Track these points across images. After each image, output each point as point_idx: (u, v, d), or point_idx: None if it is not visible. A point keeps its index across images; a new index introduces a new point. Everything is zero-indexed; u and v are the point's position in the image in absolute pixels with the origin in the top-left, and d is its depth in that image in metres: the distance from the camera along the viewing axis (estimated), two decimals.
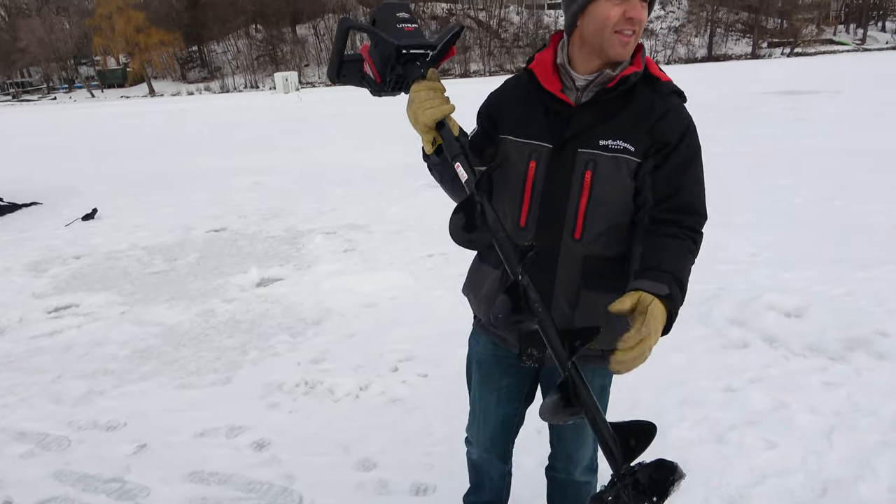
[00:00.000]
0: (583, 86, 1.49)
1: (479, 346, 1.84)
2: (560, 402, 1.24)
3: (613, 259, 1.54)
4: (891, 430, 2.73)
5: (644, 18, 1.40)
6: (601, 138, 1.46)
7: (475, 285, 1.75)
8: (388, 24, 1.42)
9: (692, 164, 1.48)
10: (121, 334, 4.25)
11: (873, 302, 4.01)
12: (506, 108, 1.61)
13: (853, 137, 10.71)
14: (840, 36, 73.06)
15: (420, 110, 1.38)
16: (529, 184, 1.54)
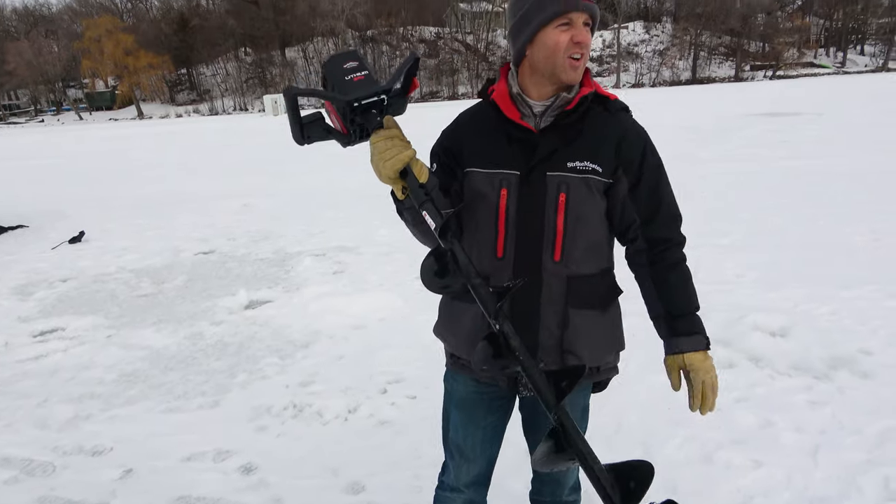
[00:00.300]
0: (540, 112, 1.55)
1: (460, 386, 1.77)
2: (553, 449, 1.25)
3: (594, 275, 1.61)
4: (875, 448, 2.76)
5: (589, 42, 1.49)
6: (568, 160, 1.52)
7: (452, 324, 1.71)
8: (336, 78, 1.40)
9: (661, 173, 1.61)
10: (107, 358, 4.22)
11: (857, 321, 4.06)
12: (467, 141, 1.61)
13: (834, 159, 10.90)
14: (821, 59, 74.53)
15: (380, 162, 1.37)
16: (503, 212, 1.55)
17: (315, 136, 1.45)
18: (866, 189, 8.22)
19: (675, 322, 1.60)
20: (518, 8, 1.51)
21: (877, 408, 3.06)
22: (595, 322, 1.62)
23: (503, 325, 1.28)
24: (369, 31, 74.08)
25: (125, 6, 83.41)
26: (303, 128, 1.41)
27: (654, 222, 1.60)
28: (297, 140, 1.44)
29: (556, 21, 1.44)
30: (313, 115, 1.42)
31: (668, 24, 77.86)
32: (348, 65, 1.41)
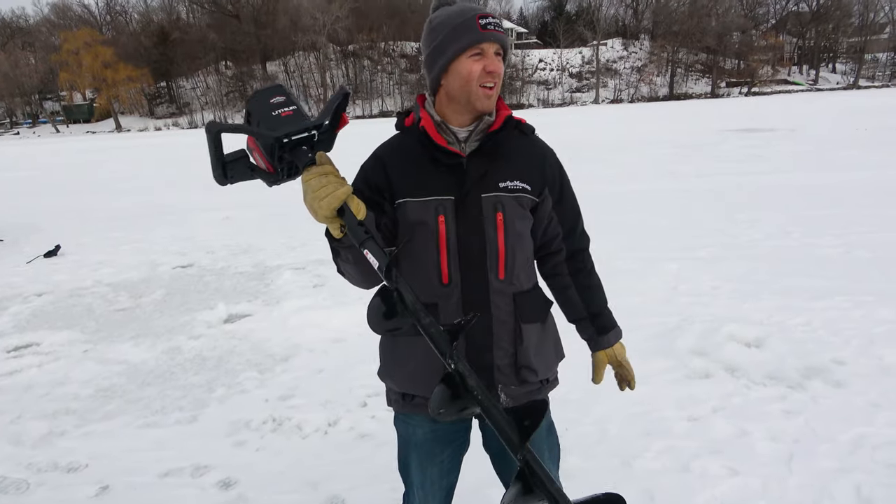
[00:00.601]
0: (465, 137, 1.59)
1: (416, 429, 1.71)
2: (521, 492, 1.22)
3: (532, 290, 1.68)
4: (847, 456, 2.81)
5: (502, 71, 1.54)
6: (499, 181, 1.57)
7: (400, 363, 1.67)
8: (263, 114, 1.34)
9: (574, 193, 1.76)
10: (83, 373, 4.17)
11: (829, 331, 4.14)
12: (394, 173, 1.59)
13: (807, 173, 11.13)
14: (794, 76, 76.17)
15: (315, 202, 1.32)
16: (443, 238, 1.55)
17: (238, 176, 1.37)
18: (837, 202, 8.40)
19: (598, 320, 1.74)
20: (432, 39, 1.55)
21: (849, 416, 3.12)
22: (540, 335, 1.69)
23: (458, 364, 1.25)
24: (350, 45, 74.33)
25: (104, 19, 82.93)
26: (225, 167, 1.34)
27: (574, 234, 1.74)
28: (219, 180, 1.36)
29: (469, 51, 1.49)
30: (237, 152, 1.35)
31: (645, 42, 79.12)
32: (275, 99, 1.35)
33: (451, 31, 1.51)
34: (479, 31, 1.48)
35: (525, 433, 1.23)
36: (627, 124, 29.21)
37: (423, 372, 1.60)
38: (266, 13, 74.20)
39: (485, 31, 1.49)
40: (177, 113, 74.81)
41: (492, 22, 1.50)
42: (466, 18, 1.50)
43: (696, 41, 72.14)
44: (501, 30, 1.53)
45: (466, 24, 1.49)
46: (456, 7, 1.55)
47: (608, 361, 1.77)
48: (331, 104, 1.37)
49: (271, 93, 1.37)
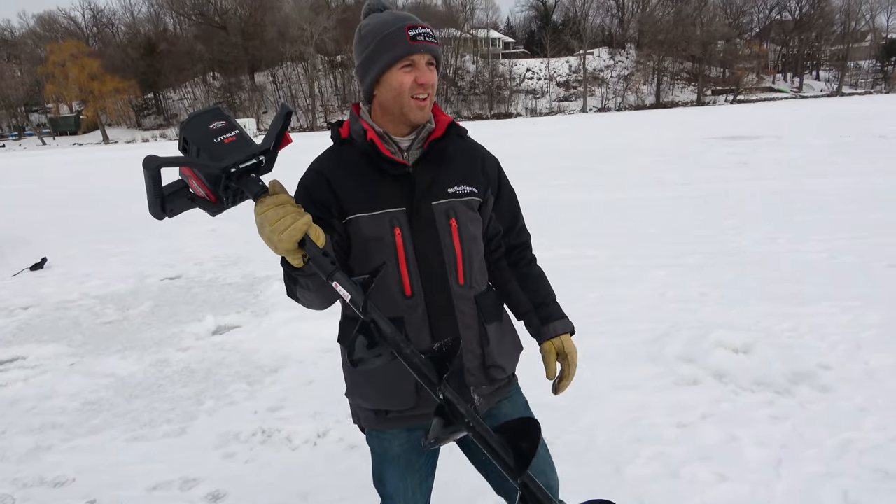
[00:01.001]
0: (407, 146, 1.58)
1: (391, 444, 1.69)
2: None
3: (488, 290, 1.71)
4: (834, 460, 2.83)
5: (434, 81, 1.52)
6: (448, 187, 1.58)
7: (368, 380, 1.63)
8: (203, 141, 1.23)
9: (513, 190, 1.78)
10: (70, 387, 4.13)
11: (816, 337, 4.18)
12: (339, 188, 1.54)
13: (793, 180, 11.24)
14: (779, 84, 77.12)
15: (274, 235, 1.20)
16: (401, 251, 1.53)
17: (178, 209, 1.28)
18: (823, 208, 8.49)
19: (544, 310, 1.73)
20: (362, 48, 1.53)
21: (836, 421, 3.15)
22: (501, 332, 1.72)
23: (446, 393, 1.21)
24: (338, 56, 74.49)
25: (91, 31, 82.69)
26: (164, 201, 1.23)
27: (514, 230, 1.76)
28: (156, 215, 1.25)
29: (400, 63, 1.48)
30: (175, 183, 1.25)
31: (632, 51, 79.87)
32: (215, 125, 1.24)
33: (379, 43, 1.49)
34: (409, 42, 1.46)
35: (524, 459, 1.18)
36: (615, 133, 29.42)
37: (394, 386, 1.58)
38: (253, 24, 74.27)
39: (414, 42, 1.46)
40: (164, 124, 74.60)
41: (421, 32, 1.48)
42: (395, 29, 1.48)
43: (681, 50, 72.96)
44: (432, 39, 1.50)
45: (395, 36, 1.47)
46: (386, 15, 1.52)
47: (555, 352, 1.71)
48: (275, 125, 1.28)
49: (210, 117, 1.25)
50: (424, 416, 1.60)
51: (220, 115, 1.27)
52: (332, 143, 1.66)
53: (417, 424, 1.66)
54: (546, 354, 1.72)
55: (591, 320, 4.42)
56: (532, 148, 20.15)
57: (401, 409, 1.62)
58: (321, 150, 1.68)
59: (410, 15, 1.52)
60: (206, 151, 1.22)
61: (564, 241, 7.24)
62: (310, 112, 72.06)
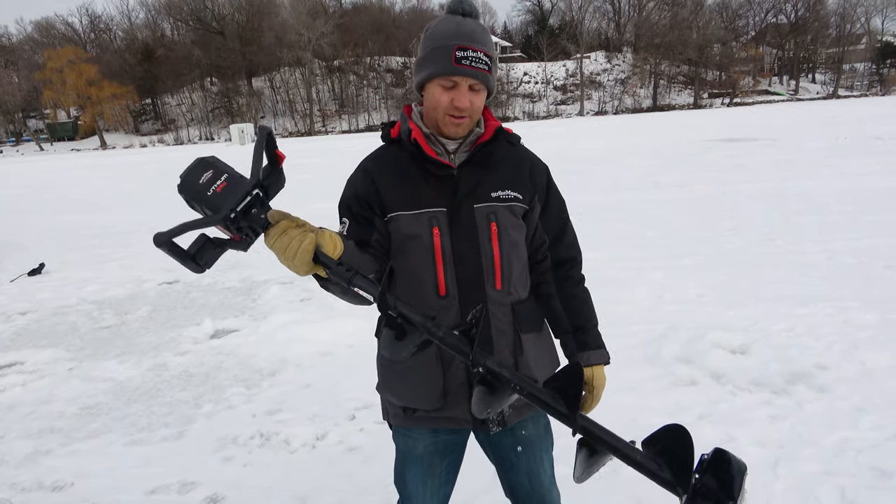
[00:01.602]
0: (454, 149, 1.58)
1: (416, 442, 1.69)
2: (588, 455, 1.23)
3: (528, 299, 1.67)
4: (832, 459, 2.84)
5: (475, 105, 1.50)
6: (491, 191, 1.57)
7: (398, 376, 1.64)
8: (199, 197, 1.27)
9: (562, 200, 1.73)
10: (68, 391, 4.13)
11: (812, 337, 4.19)
12: (383, 187, 1.57)
13: (789, 182, 11.27)
14: (775, 87, 77.34)
15: (289, 262, 1.26)
16: (438, 251, 1.54)
17: (211, 259, 1.32)
18: (819, 210, 8.52)
19: (582, 335, 1.68)
20: (422, 48, 1.54)
21: (833, 420, 3.16)
22: (538, 344, 1.68)
23: (486, 363, 1.22)
24: (336, 61, 74.62)
25: (88, 37, 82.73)
26: (195, 257, 1.29)
27: (561, 242, 1.70)
28: (196, 272, 1.33)
29: (440, 79, 1.48)
30: (197, 241, 1.30)
31: (628, 54, 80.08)
32: (203, 178, 1.28)
33: (430, 52, 1.49)
34: (452, 64, 1.45)
35: (573, 402, 1.21)
36: (612, 136, 29.48)
37: (423, 385, 1.59)
38: (251, 30, 74.38)
39: (458, 65, 1.45)
40: (162, 130, 74.64)
41: (470, 56, 1.45)
42: (447, 46, 1.46)
43: (677, 53, 73.16)
44: (482, 66, 1.47)
45: (444, 52, 1.46)
46: (451, 25, 1.49)
47: (584, 380, 1.62)
48: (258, 151, 1.30)
49: (198, 171, 1.29)
50: (451, 420, 1.63)
51: (206, 166, 1.29)
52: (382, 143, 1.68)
53: (444, 428, 1.66)
54: None
55: None
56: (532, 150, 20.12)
57: (427, 410, 1.62)
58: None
59: (472, 33, 1.48)
60: (204, 205, 1.27)
61: None
62: (307, 117, 72.11)
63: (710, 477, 1.11)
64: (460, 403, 1.58)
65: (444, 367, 1.58)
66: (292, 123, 73.04)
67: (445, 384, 1.57)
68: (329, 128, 72.54)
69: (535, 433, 1.73)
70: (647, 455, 1.18)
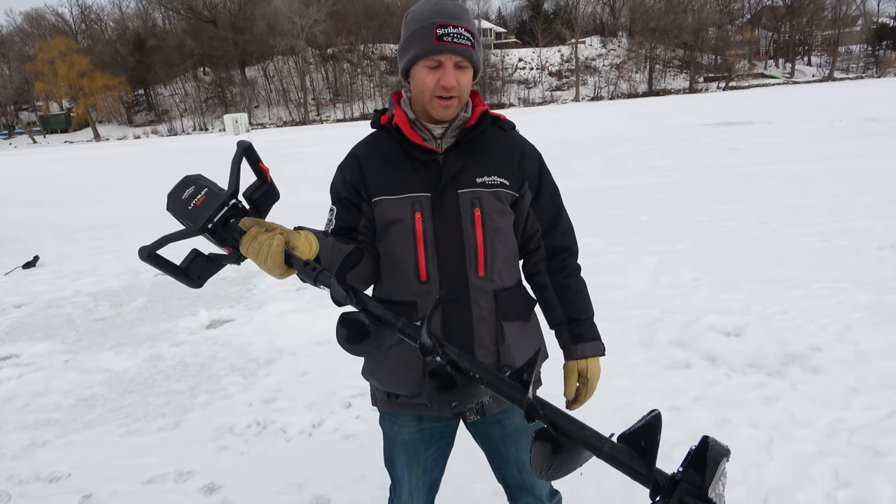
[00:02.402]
0: (440, 133, 1.57)
1: (401, 428, 1.70)
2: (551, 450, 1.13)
3: (514, 287, 1.65)
4: (825, 439, 2.86)
5: (462, 84, 1.49)
6: (477, 176, 1.55)
7: (380, 361, 1.64)
8: (182, 212, 1.32)
9: (556, 186, 1.70)
10: (64, 383, 4.13)
11: (806, 319, 4.20)
12: (369, 172, 1.58)
13: (784, 165, 11.27)
14: (770, 70, 77.14)
15: (262, 265, 1.26)
16: (420, 235, 1.53)
17: (204, 273, 1.36)
18: (814, 192, 8.52)
19: (577, 327, 1.64)
20: (403, 33, 1.53)
21: (827, 401, 3.18)
22: (523, 333, 1.66)
23: (445, 351, 1.20)
24: (329, 49, 74.15)
25: (79, 27, 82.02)
26: (186, 272, 1.33)
27: (555, 231, 1.67)
28: (191, 286, 1.37)
29: (424, 61, 1.46)
30: (189, 255, 1.34)
31: (623, 39, 79.73)
32: (185, 194, 1.33)
33: (412, 35, 1.48)
34: (434, 42, 1.43)
35: (524, 384, 1.15)
36: (608, 121, 29.42)
37: (404, 370, 1.59)
38: (243, 18, 73.81)
39: (440, 42, 1.43)
40: (156, 120, 74.25)
41: (452, 33, 1.44)
42: (426, 25, 1.45)
43: (673, 37, 72.85)
44: (464, 42, 1.45)
45: (425, 31, 1.45)
46: (429, 6, 1.48)
47: (578, 372, 1.64)
48: (235, 166, 1.32)
49: (181, 189, 1.34)
50: (431, 408, 1.61)
51: (188, 183, 1.35)
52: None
53: (428, 416, 1.66)
54: (568, 373, 1.64)
55: None
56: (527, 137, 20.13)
57: (408, 395, 1.62)
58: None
59: (452, 10, 1.47)
60: (187, 218, 1.32)
61: None
62: (301, 106, 71.77)
63: (689, 467, 1.07)
64: None
65: None
66: (286, 113, 72.70)
67: (424, 368, 1.56)
68: (324, 116, 72.22)
69: (523, 424, 1.67)
70: (623, 450, 1.10)
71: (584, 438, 1.11)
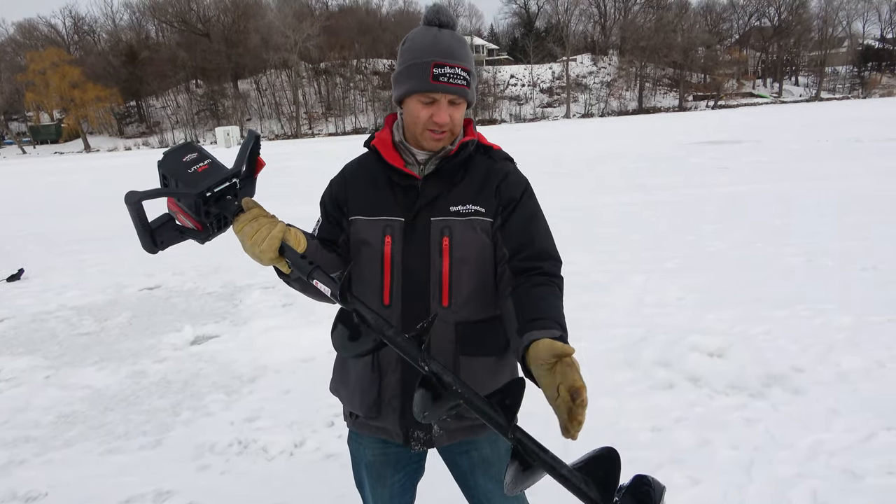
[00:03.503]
0: (424, 159, 1.56)
1: (366, 449, 1.70)
2: (520, 469, 1.16)
3: (484, 321, 1.56)
4: (805, 461, 2.87)
5: (455, 119, 1.49)
6: (451, 205, 1.52)
7: (342, 380, 1.66)
8: (179, 174, 1.31)
9: (537, 215, 1.57)
10: (45, 399, 4.08)
11: (789, 339, 4.23)
12: (352, 191, 1.60)
13: (771, 184, 11.39)
14: (759, 89, 78.09)
15: (255, 248, 1.29)
16: (388, 259, 1.52)
17: (168, 241, 1.35)
18: (800, 212, 8.61)
19: (530, 323, 1.30)
20: (399, 61, 1.52)
21: (807, 423, 3.19)
22: (492, 370, 1.58)
23: (431, 365, 1.20)
24: (322, 63, 74.42)
25: (72, 38, 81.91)
26: (153, 234, 1.31)
27: (521, 254, 1.49)
28: (148, 249, 1.34)
29: (418, 96, 1.46)
30: (162, 217, 1.33)
31: (614, 57, 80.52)
32: (188, 157, 1.33)
33: (407, 68, 1.47)
34: (430, 81, 1.43)
35: (510, 412, 1.14)
36: (598, 138, 29.63)
37: (359, 391, 1.59)
38: (237, 31, 73.99)
39: (435, 82, 1.43)
40: (147, 132, 74.04)
41: (448, 73, 1.44)
42: (424, 62, 1.44)
43: (662, 56, 73.66)
44: (459, 81, 1.45)
45: (421, 68, 1.45)
46: (427, 38, 1.47)
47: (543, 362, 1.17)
48: (244, 149, 1.34)
49: (182, 151, 1.34)
50: (384, 431, 1.62)
51: (192, 149, 1.35)
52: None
53: (390, 441, 1.64)
54: (535, 369, 1.19)
55: (569, 326, 4.44)
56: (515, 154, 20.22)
57: (364, 416, 1.62)
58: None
59: (449, 48, 1.45)
60: (182, 182, 1.30)
61: None
62: (294, 119, 71.88)
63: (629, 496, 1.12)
64: (391, 416, 1.57)
65: (380, 376, 1.56)
66: (279, 126, 72.73)
67: (380, 393, 1.56)
68: (315, 130, 72.33)
69: (492, 455, 1.68)
70: (577, 473, 1.17)
71: (551, 464, 1.13)
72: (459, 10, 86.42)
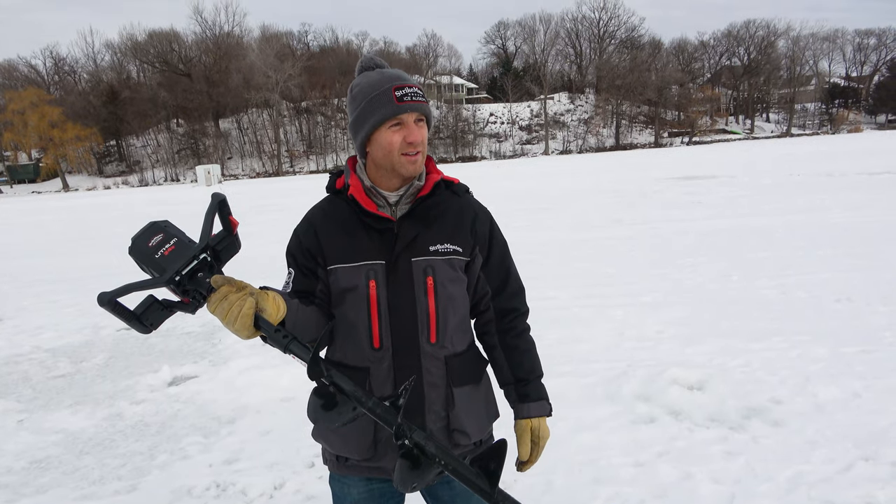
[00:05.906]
0: (395, 201, 1.61)
1: (351, 489, 1.70)
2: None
3: (466, 351, 1.68)
4: (786, 494, 2.88)
5: (424, 138, 1.56)
6: (430, 244, 1.58)
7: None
8: (147, 259, 1.31)
9: (506, 248, 1.75)
10: (17, 444, 3.98)
11: (767, 371, 4.28)
12: (325, 239, 1.60)
13: (745, 219, 11.61)
14: (731, 126, 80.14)
15: (230, 326, 1.28)
16: (374, 303, 1.56)
17: (157, 321, 1.33)
18: (774, 245, 8.77)
19: (524, 388, 1.68)
20: (353, 108, 1.58)
21: (787, 455, 3.22)
22: (474, 396, 1.68)
23: (412, 436, 1.24)
24: (304, 102, 75.07)
25: (52, 79, 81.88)
26: (140, 318, 1.30)
27: (504, 293, 1.71)
28: (142, 332, 1.34)
29: (388, 123, 1.51)
30: (143, 303, 1.31)
31: (591, 95, 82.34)
32: (153, 241, 1.32)
33: (369, 103, 1.53)
34: (396, 103, 1.50)
35: (493, 477, 1.24)
36: (577, 174, 30.07)
37: (353, 435, 1.60)
38: (218, 71, 74.58)
39: (401, 102, 1.50)
40: (126, 171, 73.76)
41: (408, 92, 1.52)
42: (383, 91, 1.51)
43: (637, 94, 75.47)
44: (420, 98, 1.54)
45: (383, 97, 1.51)
46: (375, 75, 1.56)
47: (530, 432, 1.66)
48: (209, 217, 1.33)
49: (147, 236, 1.34)
50: (381, 470, 1.63)
51: (155, 230, 1.34)
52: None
53: (377, 477, 1.66)
54: (521, 434, 1.66)
55: (550, 361, 4.43)
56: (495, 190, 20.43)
57: (358, 458, 1.63)
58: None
59: (400, 74, 1.56)
60: (153, 268, 1.30)
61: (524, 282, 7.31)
62: (275, 157, 72.07)
63: None
64: (389, 454, 1.60)
65: None
66: (260, 164, 72.86)
67: (376, 434, 1.58)
68: (297, 168, 72.54)
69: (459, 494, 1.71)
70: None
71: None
72: (439, 50, 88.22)
